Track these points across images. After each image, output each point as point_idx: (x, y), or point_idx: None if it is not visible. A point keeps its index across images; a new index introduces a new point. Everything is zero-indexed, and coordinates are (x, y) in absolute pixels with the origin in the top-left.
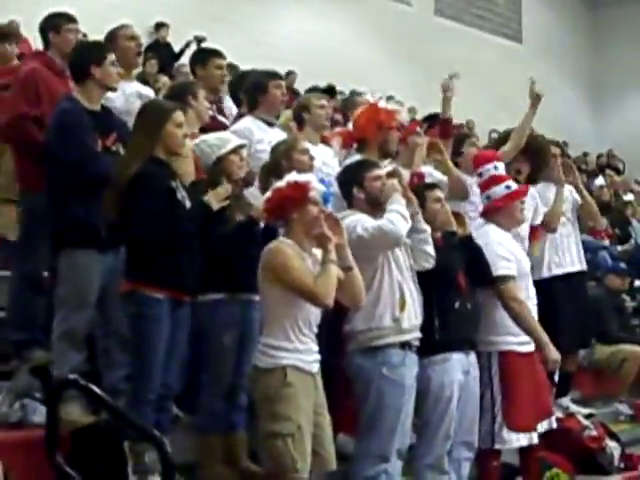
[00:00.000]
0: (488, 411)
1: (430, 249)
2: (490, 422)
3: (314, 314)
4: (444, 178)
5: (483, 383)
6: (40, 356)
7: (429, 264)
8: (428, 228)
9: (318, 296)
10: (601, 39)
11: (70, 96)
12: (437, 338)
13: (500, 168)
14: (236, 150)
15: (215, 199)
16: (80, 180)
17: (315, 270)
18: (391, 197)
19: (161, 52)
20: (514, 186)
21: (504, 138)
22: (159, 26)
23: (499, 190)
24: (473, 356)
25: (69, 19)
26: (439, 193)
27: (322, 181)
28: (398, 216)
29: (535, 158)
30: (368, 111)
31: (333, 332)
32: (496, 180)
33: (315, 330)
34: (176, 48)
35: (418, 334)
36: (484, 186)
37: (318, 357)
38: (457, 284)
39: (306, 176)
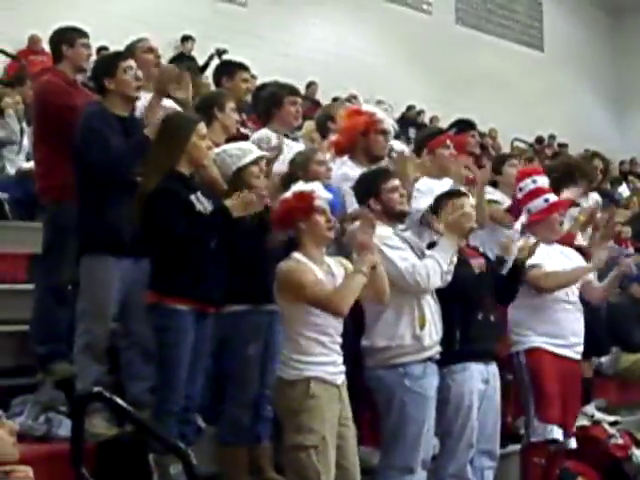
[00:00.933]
0: (525, 406)
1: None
2: (527, 417)
3: (333, 326)
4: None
5: (517, 380)
6: (64, 369)
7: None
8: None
9: (332, 304)
10: (623, 46)
11: (96, 101)
12: (457, 349)
13: (539, 181)
14: (257, 161)
15: (237, 206)
16: (108, 181)
17: (327, 280)
18: (449, 236)
19: (185, 64)
20: (553, 199)
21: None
22: (185, 39)
23: (538, 203)
24: (494, 366)
25: (82, 33)
26: (466, 200)
27: (329, 189)
28: (437, 268)
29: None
30: (348, 116)
31: (354, 345)
32: (536, 193)
33: (338, 340)
34: (200, 61)
35: (439, 348)
36: (524, 200)
37: (342, 368)
38: (480, 296)
39: (311, 185)
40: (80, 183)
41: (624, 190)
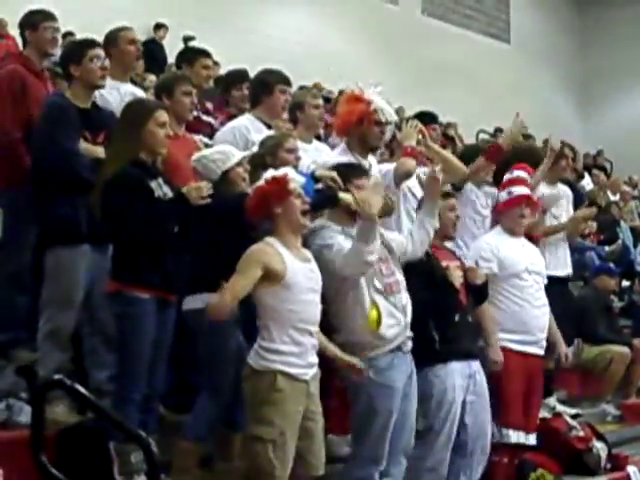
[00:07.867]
0: None
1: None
2: None
3: (307, 316)
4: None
5: None
6: (25, 356)
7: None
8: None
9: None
10: (589, 38)
11: (60, 92)
12: (437, 349)
13: (515, 173)
14: (240, 162)
15: (195, 193)
16: (58, 180)
17: (295, 265)
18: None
19: (154, 51)
20: (516, 192)
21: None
22: (158, 27)
23: (503, 195)
24: (477, 363)
25: (47, 16)
26: (453, 202)
27: (301, 173)
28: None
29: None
30: (346, 101)
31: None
32: (505, 185)
33: (312, 330)
34: (167, 47)
35: (407, 334)
36: (500, 189)
37: (313, 361)
38: (457, 298)
39: (282, 170)
40: (35, 175)
41: (588, 183)
